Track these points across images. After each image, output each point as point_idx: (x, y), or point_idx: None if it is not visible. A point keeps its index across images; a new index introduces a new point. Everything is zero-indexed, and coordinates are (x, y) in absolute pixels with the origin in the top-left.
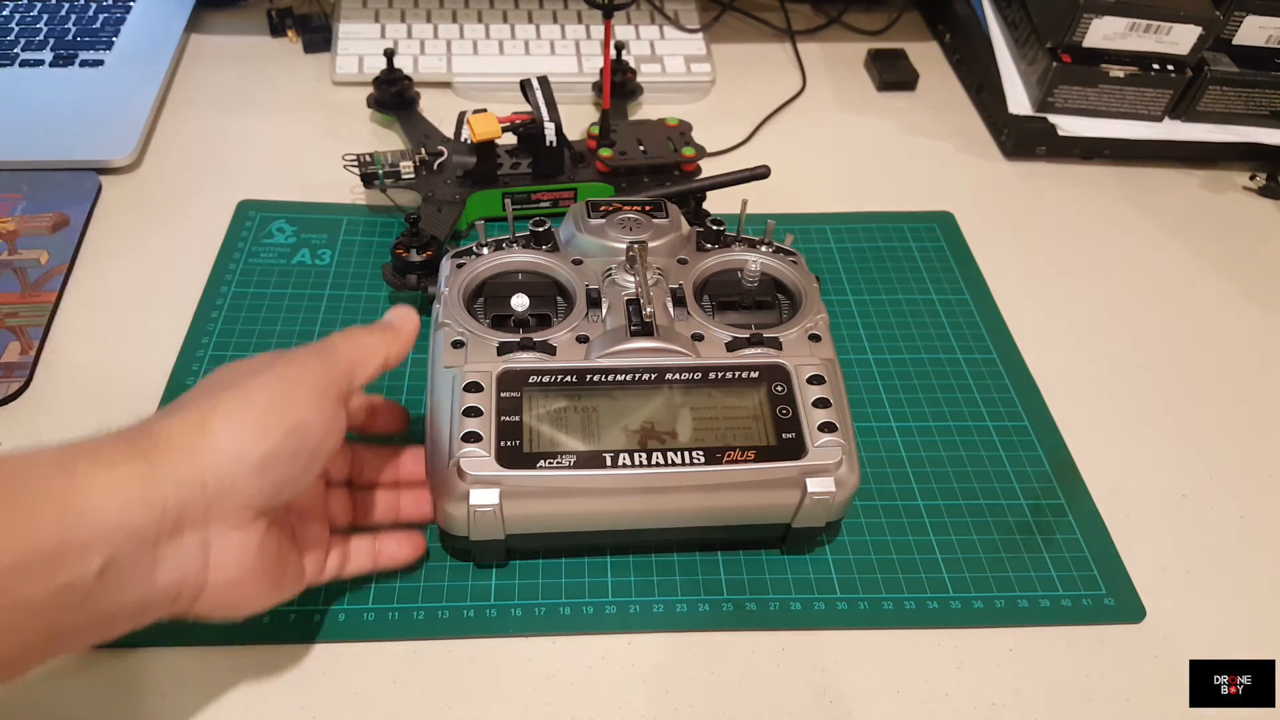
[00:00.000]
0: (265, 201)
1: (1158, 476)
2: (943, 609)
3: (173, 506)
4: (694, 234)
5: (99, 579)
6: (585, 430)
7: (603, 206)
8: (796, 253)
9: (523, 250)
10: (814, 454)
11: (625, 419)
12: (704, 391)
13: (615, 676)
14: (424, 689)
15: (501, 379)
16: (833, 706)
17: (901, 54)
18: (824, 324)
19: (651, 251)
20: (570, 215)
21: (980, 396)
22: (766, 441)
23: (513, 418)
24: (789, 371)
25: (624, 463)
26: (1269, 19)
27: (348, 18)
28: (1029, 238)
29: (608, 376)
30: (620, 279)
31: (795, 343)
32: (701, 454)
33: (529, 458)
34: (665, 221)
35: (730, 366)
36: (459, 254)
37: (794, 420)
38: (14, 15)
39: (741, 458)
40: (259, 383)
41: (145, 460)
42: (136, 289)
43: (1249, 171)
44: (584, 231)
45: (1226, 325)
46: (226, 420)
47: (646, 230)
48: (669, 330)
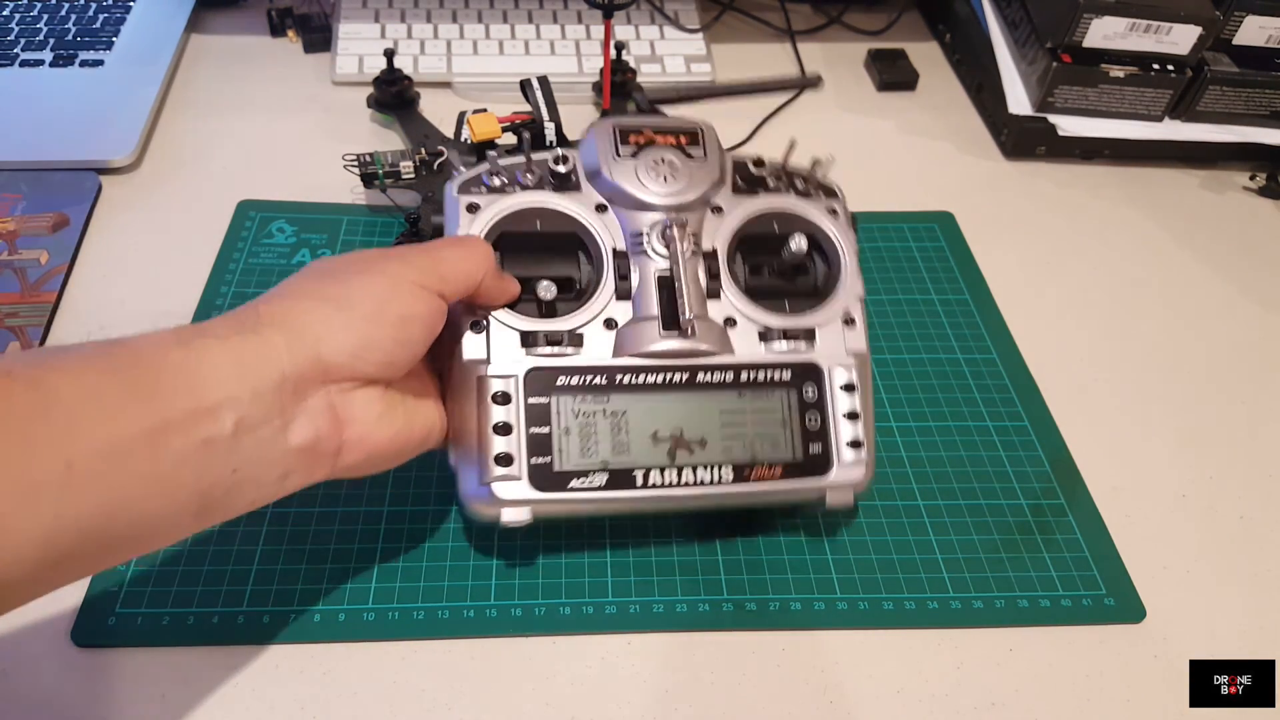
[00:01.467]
0: (265, 201)
1: (1158, 476)
2: (943, 609)
3: (291, 374)
4: (731, 171)
5: (234, 438)
6: (615, 439)
7: (632, 136)
8: (838, 192)
9: (541, 193)
10: (838, 472)
11: (655, 424)
12: (734, 392)
13: (615, 676)
14: (424, 689)
15: (529, 382)
16: (833, 706)
17: (901, 54)
18: (859, 304)
19: (687, 208)
20: (594, 137)
21: (980, 396)
22: (793, 456)
23: (542, 429)
24: (822, 373)
25: (654, 482)
26: (1269, 19)
27: (348, 18)
28: (1029, 238)
29: (638, 376)
30: (652, 247)
31: (829, 332)
32: (730, 470)
33: (560, 478)
34: (703, 162)
35: (762, 365)
36: (466, 187)
37: (822, 431)
38: (14, 15)
39: (769, 474)
40: (362, 281)
41: (256, 334)
42: (136, 289)
43: (1249, 171)
44: (610, 171)
45: (1226, 325)
46: (336, 306)
47: (682, 178)
48: (703, 327)
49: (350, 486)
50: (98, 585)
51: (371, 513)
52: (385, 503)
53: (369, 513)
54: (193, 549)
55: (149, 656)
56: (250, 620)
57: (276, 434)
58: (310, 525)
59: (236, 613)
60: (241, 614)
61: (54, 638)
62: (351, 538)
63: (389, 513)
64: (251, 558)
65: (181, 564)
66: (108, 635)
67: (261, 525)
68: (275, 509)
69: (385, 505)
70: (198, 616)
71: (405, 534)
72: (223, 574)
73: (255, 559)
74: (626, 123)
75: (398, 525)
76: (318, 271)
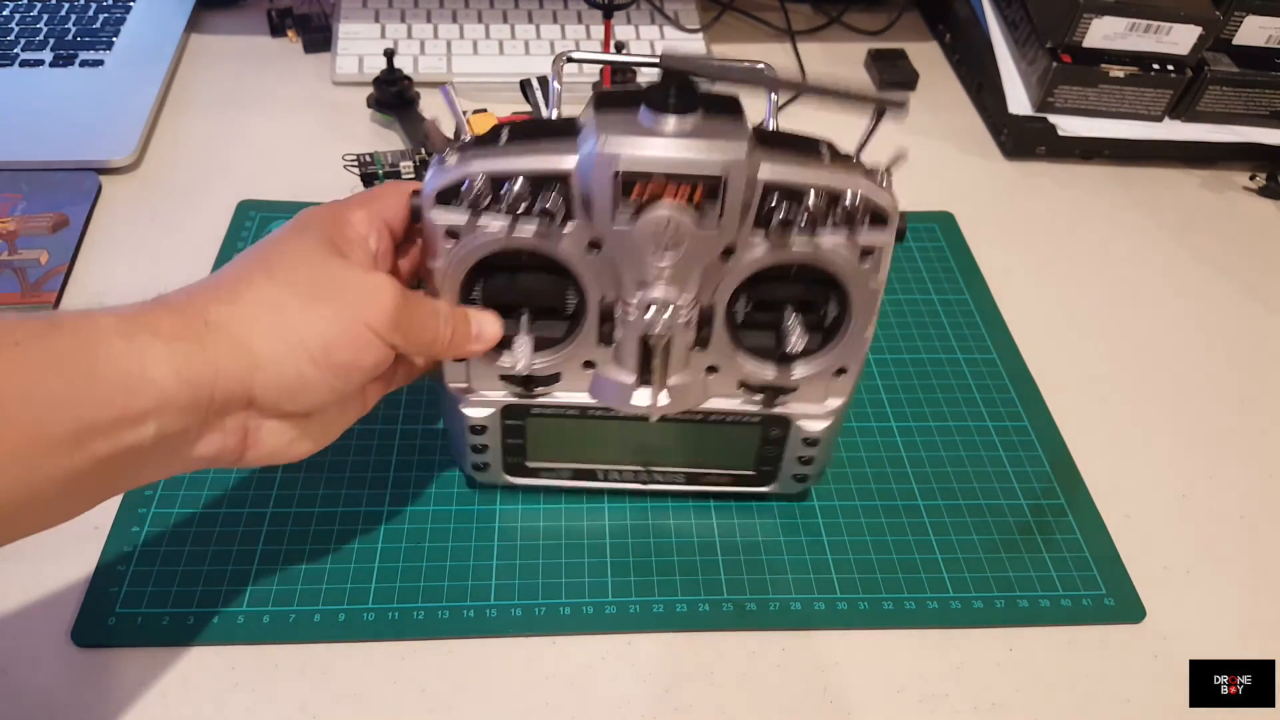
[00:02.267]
0: (265, 201)
1: (1158, 476)
2: (943, 609)
3: (220, 394)
4: (757, 204)
5: (151, 445)
6: (583, 448)
7: (638, 187)
8: (888, 216)
9: (528, 222)
10: (780, 485)
11: (621, 438)
12: (700, 424)
13: (615, 676)
14: (424, 689)
15: (506, 413)
16: (833, 706)
17: (901, 54)
18: (859, 355)
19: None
20: (595, 171)
21: (980, 396)
22: (743, 471)
23: (517, 440)
24: (790, 424)
25: (614, 479)
26: (1269, 19)
27: (348, 18)
28: (1029, 238)
29: (609, 411)
30: (639, 315)
31: (814, 380)
32: (684, 475)
33: (531, 470)
34: (714, 228)
35: (732, 414)
36: (446, 197)
37: (775, 460)
38: (14, 15)
39: (719, 480)
40: (318, 312)
41: (199, 343)
42: (136, 289)
43: (1249, 171)
44: (605, 235)
45: (1226, 325)
46: (285, 330)
47: (687, 250)
48: (677, 393)
49: (351, 487)
50: (98, 585)
51: (372, 513)
52: (385, 503)
53: (369, 513)
54: (192, 549)
55: (149, 656)
56: (250, 620)
57: (187, 444)
58: (310, 525)
59: (236, 613)
60: (241, 614)
61: (54, 637)
62: (352, 538)
63: (389, 513)
64: (251, 558)
65: (181, 564)
66: (108, 635)
67: (262, 525)
68: (275, 509)
69: (385, 505)
70: (197, 616)
71: (405, 534)
72: (223, 574)
73: (255, 559)
74: (634, 162)
75: (398, 525)
76: (282, 263)
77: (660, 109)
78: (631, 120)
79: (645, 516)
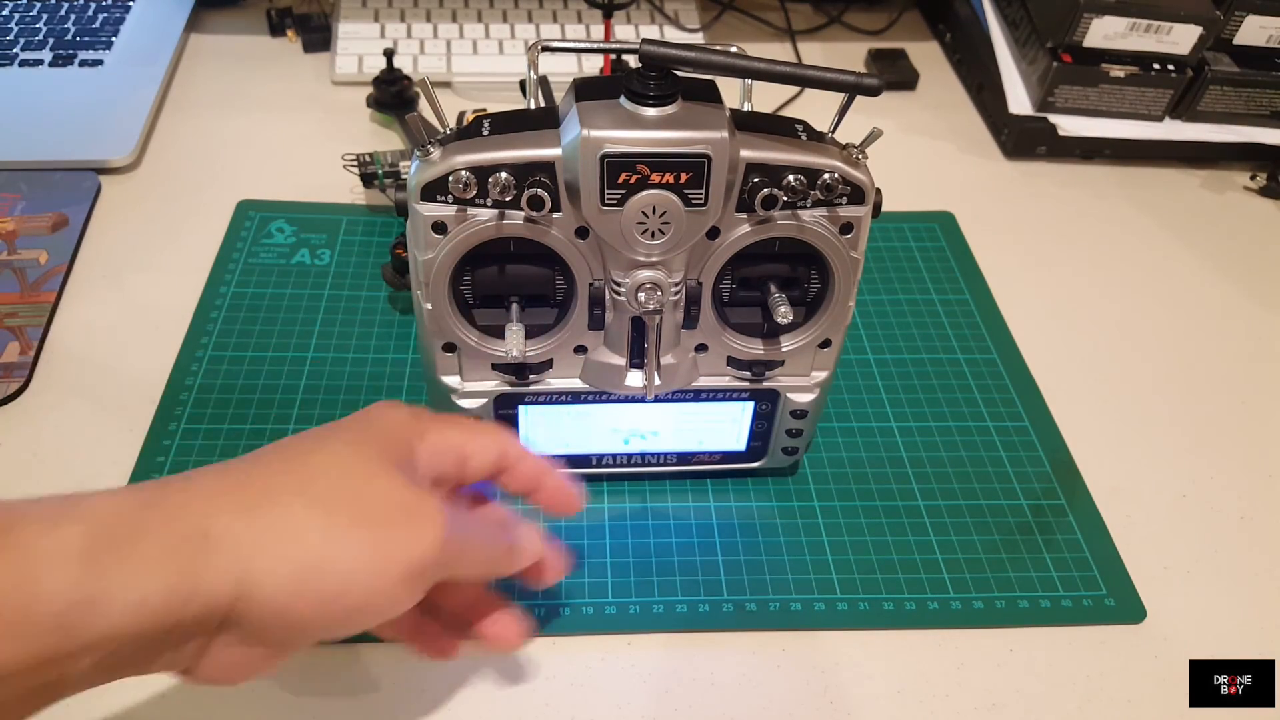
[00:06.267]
0: (265, 201)
1: (1158, 476)
2: (943, 609)
3: (190, 618)
4: (739, 184)
5: (87, 674)
6: (576, 432)
7: (623, 175)
8: (866, 190)
9: (515, 210)
10: (769, 460)
11: (613, 421)
12: (691, 400)
13: (615, 676)
14: (424, 689)
15: (499, 402)
16: (833, 706)
17: (901, 54)
18: (842, 325)
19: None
20: (580, 158)
21: (980, 396)
22: (734, 447)
23: (510, 426)
24: (778, 396)
25: (608, 462)
26: (1269, 19)
27: (347, 17)
28: (1029, 238)
29: (600, 397)
30: (629, 298)
31: (800, 353)
32: (676, 456)
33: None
34: (700, 210)
35: (722, 389)
36: (430, 193)
37: (764, 435)
38: (13, 15)
39: (709, 460)
40: (341, 545)
41: (187, 561)
42: (136, 289)
43: (1249, 171)
44: (593, 220)
45: (1227, 325)
46: (305, 574)
47: (674, 233)
48: (669, 372)
49: None
50: None
51: None
52: None
53: None
54: None
55: None
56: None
57: (123, 670)
58: None
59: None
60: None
61: None
62: None
63: None
64: None
65: None
66: None
67: None
68: None
69: None
70: None
71: None
72: None
73: None
74: (618, 151)
75: None
76: (326, 477)
77: (641, 96)
78: (614, 108)
79: (645, 517)
